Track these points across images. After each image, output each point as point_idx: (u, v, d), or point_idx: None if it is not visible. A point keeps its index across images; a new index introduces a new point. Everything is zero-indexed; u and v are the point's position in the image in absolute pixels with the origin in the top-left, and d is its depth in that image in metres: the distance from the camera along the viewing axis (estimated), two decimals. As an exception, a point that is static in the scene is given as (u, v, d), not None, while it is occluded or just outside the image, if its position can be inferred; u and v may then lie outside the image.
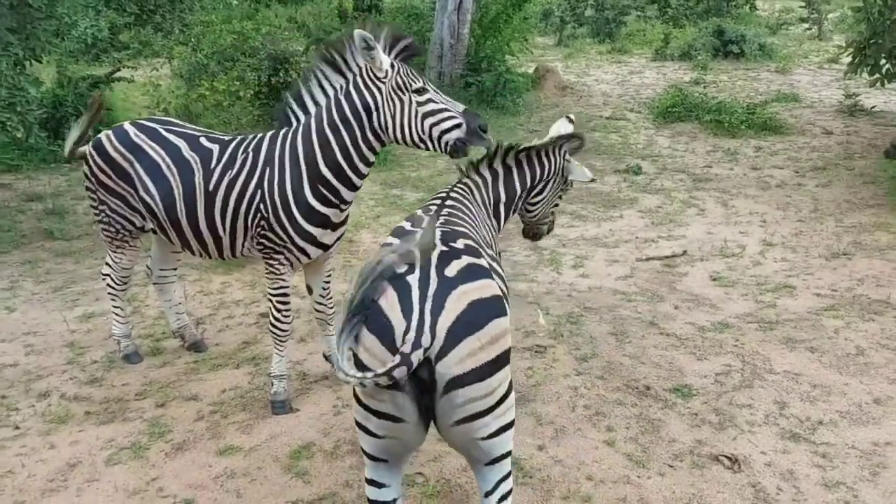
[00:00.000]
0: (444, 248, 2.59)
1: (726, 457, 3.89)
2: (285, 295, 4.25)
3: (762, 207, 8.14)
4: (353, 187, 4.02)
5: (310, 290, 4.58)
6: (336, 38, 3.99)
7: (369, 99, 3.81)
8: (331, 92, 3.95)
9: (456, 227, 2.98)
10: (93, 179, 4.45)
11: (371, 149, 3.93)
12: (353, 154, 3.91)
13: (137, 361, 4.90)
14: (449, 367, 2.35)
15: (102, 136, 4.42)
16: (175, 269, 5.04)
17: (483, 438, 2.54)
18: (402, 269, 2.40)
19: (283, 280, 4.20)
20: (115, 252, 4.65)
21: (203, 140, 4.28)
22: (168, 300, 5.04)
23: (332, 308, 4.60)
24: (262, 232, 4.07)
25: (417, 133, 3.77)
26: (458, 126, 3.72)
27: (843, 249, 6.83)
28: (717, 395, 4.52)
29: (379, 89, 3.79)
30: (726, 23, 19.97)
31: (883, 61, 9.43)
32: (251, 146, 4.14)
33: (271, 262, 4.15)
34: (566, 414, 4.31)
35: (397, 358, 2.23)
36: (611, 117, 12.86)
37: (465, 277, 2.48)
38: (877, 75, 9.79)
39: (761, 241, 7.15)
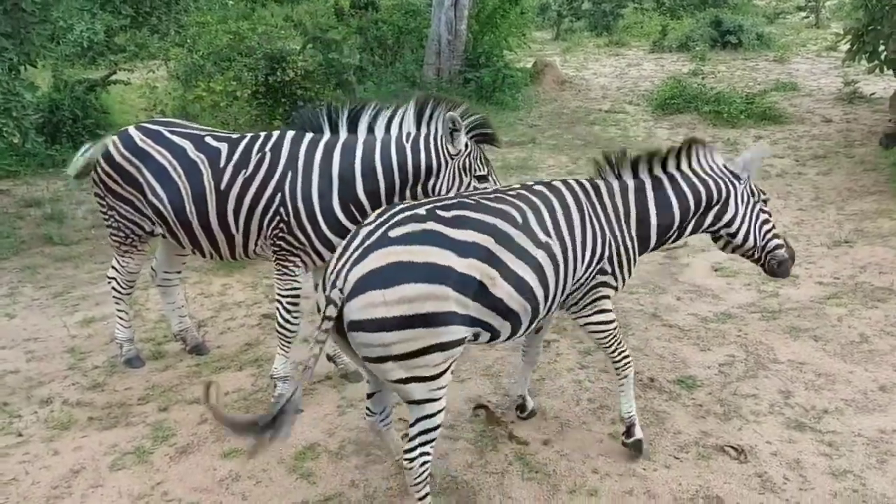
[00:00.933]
0: (412, 213, 3.00)
1: (732, 447, 3.87)
2: (296, 297, 4.23)
3: (763, 197, 8.10)
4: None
5: (317, 287, 4.55)
6: (437, 95, 4.13)
7: (434, 164, 3.96)
8: (395, 131, 4.03)
9: (485, 202, 3.20)
10: (101, 186, 4.44)
11: (413, 196, 4.04)
12: (396, 194, 4.03)
13: (139, 366, 4.89)
14: (350, 312, 2.84)
15: (109, 142, 4.40)
16: (179, 272, 5.02)
17: (391, 381, 3.01)
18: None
19: (296, 282, 4.19)
20: (122, 256, 4.64)
21: (209, 139, 4.26)
22: (171, 303, 5.03)
23: None
24: (281, 234, 4.05)
25: None
26: None
27: (844, 237, 6.80)
28: (721, 385, 4.50)
29: (447, 162, 3.95)
30: (723, 13, 19.91)
31: (881, 48, 9.38)
32: (269, 146, 4.11)
33: (286, 263, 4.13)
34: (571, 408, 4.30)
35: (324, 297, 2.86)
36: (610, 110, 12.83)
37: (402, 240, 2.89)
38: (875, 62, 9.74)
39: (763, 230, 7.12)
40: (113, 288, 4.79)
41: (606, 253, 3.49)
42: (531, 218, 3.24)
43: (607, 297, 3.61)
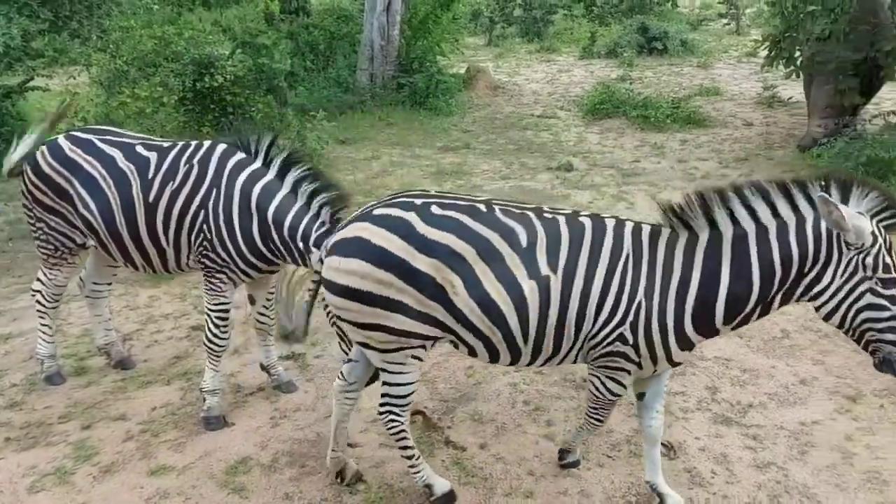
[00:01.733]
0: (409, 200, 3.09)
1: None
2: (225, 311, 4.12)
3: (689, 199, 8.34)
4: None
5: (252, 300, 4.46)
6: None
7: None
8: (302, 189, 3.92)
9: (495, 214, 3.07)
10: (29, 197, 4.27)
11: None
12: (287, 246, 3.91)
13: (60, 382, 4.68)
14: (322, 269, 3.13)
15: (38, 152, 4.23)
16: (109, 284, 4.86)
17: (355, 341, 3.26)
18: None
19: (224, 297, 4.07)
20: (50, 269, 4.46)
21: (140, 148, 4.12)
22: (98, 315, 4.85)
23: (273, 319, 4.49)
24: (205, 252, 3.95)
25: None
26: None
27: (766, 237, 7.04)
28: (652, 384, 4.60)
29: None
30: (650, 20, 20.47)
31: (797, 53, 9.79)
32: (196, 157, 3.99)
33: (212, 279, 4.03)
34: (506, 411, 4.32)
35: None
36: (542, 115, 13.01)
37: (377, 220, 3.03)
38: (792, 67, 10.17)
39: (690, 231, 7.32)
40: (38, 301, 4.59)
41: (630, 318, 2.96)
42: (542, 245, 2.98)
43: (625, 370, 3.12)
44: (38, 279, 4.56)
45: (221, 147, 4.02)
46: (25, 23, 9.70)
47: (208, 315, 4.13)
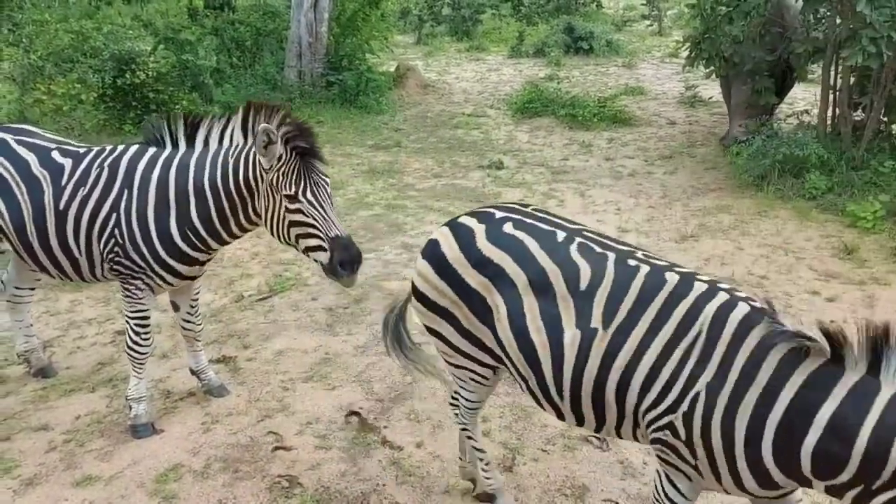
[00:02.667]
0: (499, 214, 2.95)
1: (595, 437, 4.05)
2: (145, 318, 4.00)
3: (616, 196, 8.56)
4: (225, 243, 3.86)
5: (175, 307, 4.34)
6: (265, 101, 3.68)
7: (252, 181, 3.61)
8: (226, 142, 3.73)
9: (571, 248, 2.73)
10: None
11: (250, 221, 3.74)
12: (230, 220, 3.74)
13: (-24, 393, 4.47)
14: None
15: None
16: (33, 290, 4.68)
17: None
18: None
19: (143, 303, 3.94)
20: None
21: (55, 154, 3.95)
22: (19, 321, 4.65)
23: (200, 324, 4.38)
24: (117, 259, 3.80)
25: (285, 237, 3.61)
26: (321, 248, 3.54)
27: (690, 232, 7.29)
28: (584, 378, 4.69)
29: (262, 177, 3.59)
30: (576, 20, 20.84)
31: (716, 54, 10.15)
32: (107, 161, 3.85)
33: (128, 286, 3.90)
34: (443, 409, 4.34)
35: None
36: (472, 114, 13.10)
37: (454, 226, 2.99)
38: (711, 67, 10.52)
39: (617, 227, 7.51)
40: None
41: (683, 407, 2.41)
42: (602, 293, 2.60)
43: (683, 473, 2.54)
44: None
45: (133, 148, 3.89)
46: (-71, 15, 9.19)
47: (128, 322, 4.01)
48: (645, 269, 2.62)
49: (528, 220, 2.87)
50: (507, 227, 2.84)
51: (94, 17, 12.12)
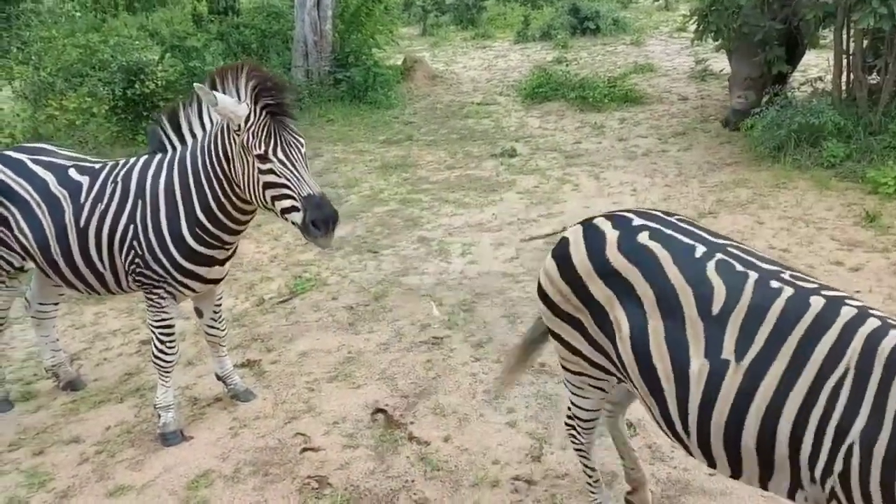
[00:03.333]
0: (641, 219, 2.64)
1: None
2: (169, 327, 4.04)
3: (631, 177, 8.49)
4: (234, 232, 3.83)
5: (199, 314, 4.37)
6: (227, 65, 3.61)
7: (228, 148, 3.56)
8: (208, 124, 3.71)
9: (712, 264, 2.39)
10: None
11: (243, 200, 3.68)
12: (225, 202, 3.69)
13: (7, 409, 4.54)
14: None
15: None
16: (56, 305, 4.74)
17: None
18: None
19: (166, 312, 3.98)
20: None
21: (72, 172, 3.99)
22: (45, 336, 4.71)
23: (223, 330, 4.42)
24: (138, 269, 3.84)
25: (262, 200, 3.54)
26: (295, 209, 3.46)
27: (708, 209, 7.22)
28: (608, 362, 4.67)
29: (233, 141, 3.53)
30: (581, 1, 20.65)
31: (724, 26, 10.01)
32: (120, 175, 3.89)
33: (151, 295, 3.93)
34: (468, 402, 4.34)
35: None
36: (482, 102, 13.04)
37: (586, 225, 2.75)
38: (720, 40, 10.39)
39: (634, 208, 7.44)
40: None
41: (837, 466, 2.02)
42: (736, 319, 2.24)
43: None
44: None
45: (142, 159, 3.92)
46: (-61, 38, 9.29)
47: (152, 332, 4.05)
48: (788, 291, 2.24)
49: (667, 231, 2.54)
50: (642, 237, 2.52)
51: (101, 30, 12.20)
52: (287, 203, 3.47)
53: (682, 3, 22.74)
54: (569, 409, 3.12)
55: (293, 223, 3.52)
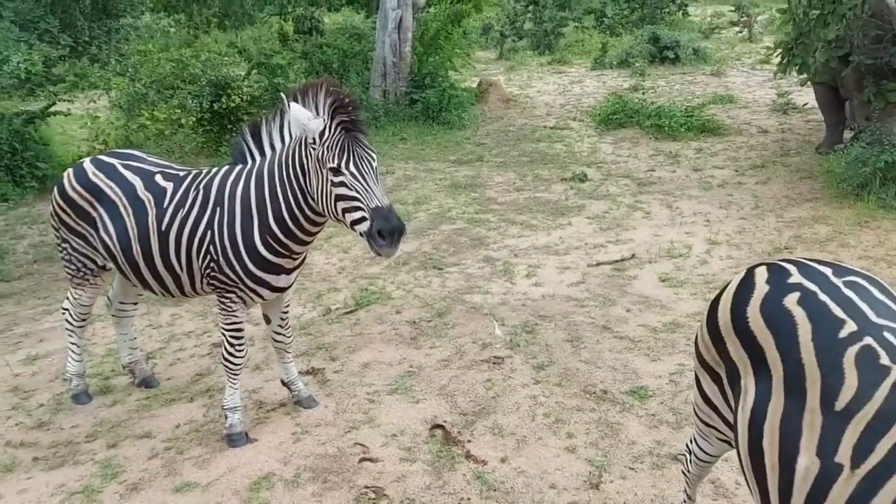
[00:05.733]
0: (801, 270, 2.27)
1: (678, 455, 3.94)
2: (239, 330, 4.19)
3: (705, 207, 8.34)
4: (302, 243, 3.96)
5: (267, 320, 4.51)
6: (306, 83, 3.79)
7: (304, 161, 3.71)
8: (287, 138, 3.88)
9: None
10: (55, 218, 4.42)
11: (315, 212, 3.81)
12: (298, 213, 3.83)
13: (86, 402, 4.76)
14: None
15: (64, 174, 4.39)
16: (135, 304, 4.96)
17: None
18: None
19: (237, 316, 4.13)
20: (75, 289, 4.59)
21: (158, 178, 4.21)
22: (124, 334, 4.94)
23: (290, 337, 4.54)
24: (212, 273, 4.01)
25: (333, 212, 3.66)
26: (364, 220, 3.56)
27: (784, 244, 7.02)
28: (672, 394, 4.59)
29: (310, 154, 3.67)
30: (661, 29, 20.46)
31: (810, 60, 9.76)
32: (203, 183, 4.08)
33: (223, 298, 4.09)
34: (527, 424, 4.33)
35: None
36: (555, 127, 13.04)
37: (745, 275, 2.43)
38: (805, 74, 10.13)
39: (706, 240, 7.31)
40: (66, 320, 4.72)
41: None
42: (860, 424, 1.84)
43: None
44: (67, 298, 4.67)
45: (224, 169, 4.11)
46: (46, 49, 9.94)
47: (223, 334, 4.20)
48: None
49: (821, 297, 2.14)
50: (790, 299, 2.17)
51: (193, 46, 12.78)
52: (357, 214, 3.58)
53: (767, 35, 22.27)
54: (692, 441, 2.97)
55: (360, 233, 3.62)
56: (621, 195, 9.00)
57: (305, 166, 3.71)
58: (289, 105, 3.57)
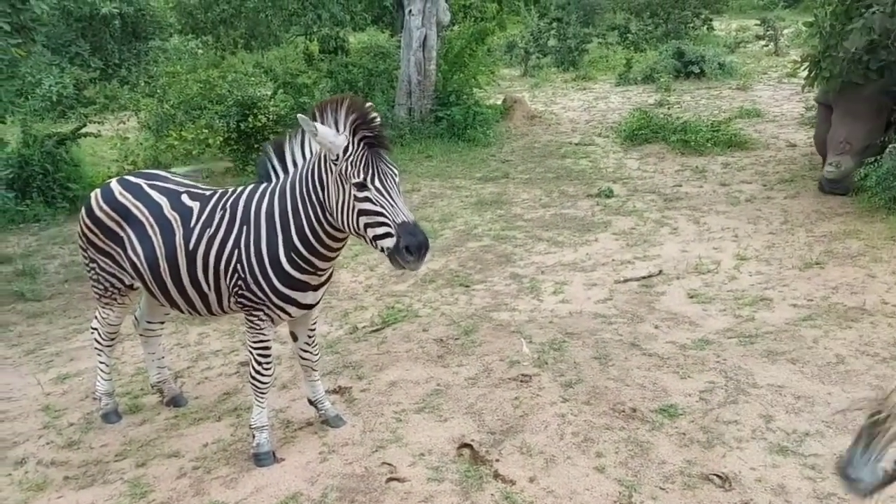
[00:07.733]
0: None
1: (717, 475, 3.87)
2: (267, 349, 4.19)
3: (733, 222, 8.24)
4: (326, 258, 3.96)
5: (294, 338, 4.52)
6: (329, 98, 3.80)
7: (324, 176, 3.73)
8: (308, 155, 3.90)
9: None
10: (83, 238, 4.47)
11: (335, 227, 3.82)
12: (318, 228, 3.83)
13: (116, 420, 4.80)
14: None
15: (91, 195, 4.44)
16: (163, 324, 4.99)
17: None
18: None
19: (264, 334, 4.14)
20: (103, 308, 4.63)
21: (185, 197, 4.24)
22: (152, 353, 4.98)
23: (317, 355, 4.54)
24: (240, 291, 4.03)
25: (354, 227, 3.66)
26: (389, 235, 3.56)
27: (815, 259, 6.91)
28: (702, 413, 4.51)
29: (330, 170, 3.69)
30: (685, 44, 20.36)
31: (837, 72, 9.63)
32: (229, 202, 4.11)
33: (251, 317, 4.11)
34: (555, 442, 4.28)
35: None
36: (580, 143, 13.00)
37: None
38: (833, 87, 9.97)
39: (735, 255, 7.22)
40: (95, 339, 4.76)
41: None
42: None
43: None
44: (96, 317, 4.72)
45: (249, 187, 4.13)
46: (78, 72, 10.13)
47: (251, 353, 4.21)
48: None
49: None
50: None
51: (220, 67, 12.96)
52: (381, 230, 3.58)
53: (793, 49, 22.07)
54: None
55: (383, 248, 3.61)
56: (648, 211, 8.93)
57: (325, 181, 3.72)
58: (315, 127, 3.58)
